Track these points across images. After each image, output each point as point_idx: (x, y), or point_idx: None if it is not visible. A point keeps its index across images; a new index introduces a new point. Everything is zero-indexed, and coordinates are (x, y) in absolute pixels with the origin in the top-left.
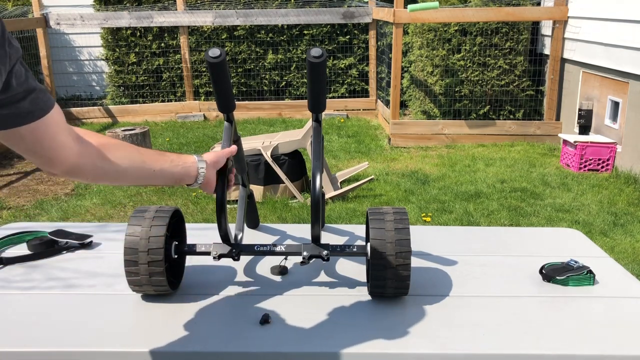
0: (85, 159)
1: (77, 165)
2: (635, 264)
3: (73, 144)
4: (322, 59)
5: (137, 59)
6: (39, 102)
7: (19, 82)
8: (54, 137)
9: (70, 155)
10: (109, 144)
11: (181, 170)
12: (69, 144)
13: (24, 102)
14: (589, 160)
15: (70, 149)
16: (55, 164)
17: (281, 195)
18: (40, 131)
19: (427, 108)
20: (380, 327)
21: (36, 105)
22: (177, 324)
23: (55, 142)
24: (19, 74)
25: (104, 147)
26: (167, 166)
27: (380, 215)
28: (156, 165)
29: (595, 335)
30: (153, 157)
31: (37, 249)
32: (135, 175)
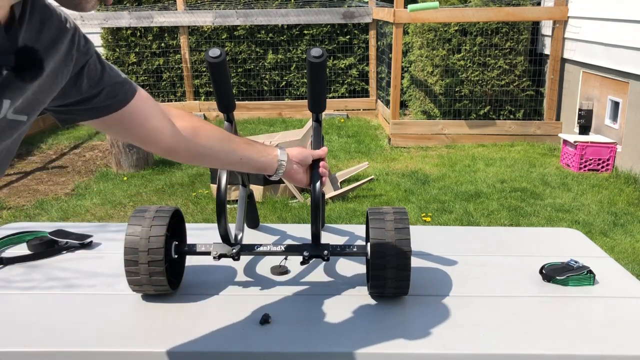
0: (179, 141)
1: (171, 147)
2: (635, 264)
3: (165, 128)
4: (322, 59)
5: (137, 59)
6: (117, 94)
7: (92, 82)
8: (143, 123)
9: (164, 138)
10: (203, 127)
11: (265, 160)
12: (161, 128)
13: (99, 98)
14: (589, 160)
15: (162, 133)
16: (151, 146)
17: (281, 195)
18: (126, 119)
19: (427, 108)
20: (380, 327)
21: (113, 97)
22: (177, 324)
23: (145, 128)
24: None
25: (197, 131)
26: (254, 155)
27: (380, 215)
28: (244, 153)
29: (595, 335)
30: (242, 146)
31: (37, 249)
32: (224, 159)
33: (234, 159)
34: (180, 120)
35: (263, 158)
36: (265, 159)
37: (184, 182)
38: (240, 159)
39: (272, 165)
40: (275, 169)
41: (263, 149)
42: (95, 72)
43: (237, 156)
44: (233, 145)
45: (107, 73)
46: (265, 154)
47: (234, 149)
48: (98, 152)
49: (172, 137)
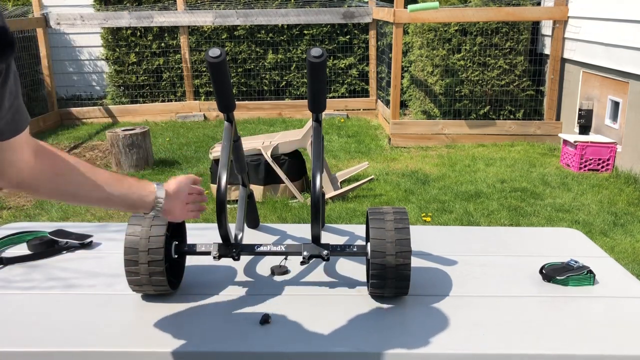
0: (37, 176)
1: (24, 183)
2: (635, 264)
3: (28, 161)
4: (322, 59)
5: (137, 58)
6: (12, 124)
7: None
8: (12, 156)
9: (22, 171)
10: (66, 162)
11: (137, 198)
12: (24, 160)
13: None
14: (589, 160)
15: (21, 167)
16: (2, 179)
17: (281, 195)
18: (1, 149)
19: (427, 108)
20: (380, 327)
21: (9, 126)
22: (177, 324)
23: (10, 158)
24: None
25: (60, 165)
26: (123, 191)
27: (380, 215)
28: (111, 189)
29: (595, 335)
30: (109, 181)
31: (37, 249)
32: (88, 198)
33: (100, 196)
34: (43, 154)
35: (135, 195)
36: (138, 195)
37: None
38: (107, 196)
39: (147, 203)
40: (152, 207)
41: (136, 183)
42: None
43: (103, 194)
44: (99, 182)
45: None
46: (138, 190)
47: (98, 186)
48: (98, 152)
49: (29, 172)
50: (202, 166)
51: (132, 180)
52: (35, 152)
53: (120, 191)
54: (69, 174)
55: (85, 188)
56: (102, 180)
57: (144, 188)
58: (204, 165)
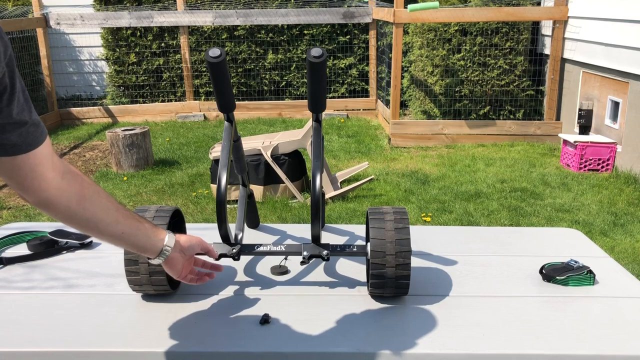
0: (60, 197)
1: (50, 200)
2: (635, 264)
3: (55, 179)
4: (322, 59)
5: (137, 59)
6: (28, 137)
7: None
8: (34, 168)
9: (47, 188)
10: (92, 191)
11: (147, 241)
12: (51, 178)
13: (12, 135)
14: (589, 160)
15: (49, 183)
16: (28, 193)
17: (281, 195)
18: (21, 162)
19: (427, 108)
20: (380, 327)
21: (24, 139)
22: (177, 324)
23: (33, 173)
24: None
25: (85, 193)
26: (137, 233)
27: (380, 215)
28: (127, 229)
29: (595, 335)
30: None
31: (37, 249)
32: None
33: (115, 231)
34: (70, 177)
35: (146, 238)
36: (149, 240)
37: (184, 182)
38: (122, 233)
39: (155, 248)
40: (158, 253)
41: (150, 228)
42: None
43: (119, 230)
44: (119, 218)
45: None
46: (151, 234)
47: (118, 222)
48: (98, 152)
49: (54, 191)
50: (202, 166)
51: (148, 224)
52: (62, 171)
53: (135, 231)
54: (94, 201)
55: (106, 221)
56: (123, 217)
57: (156, 234)
58: (204, 165)
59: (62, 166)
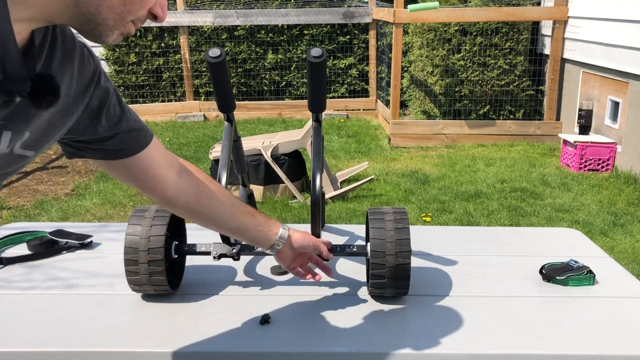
0: (178, 196)
1: (170, 199)
2: (635, 264)
3: (171, 179)
4: (322, 59)
5: (137, 59)
6: (130, 141)
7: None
8: (147, 171)
9: (165, 189)
10: (208, 189)
11: (261, 236)
12: (166, 178)
13: (112, 141)
14: (589, 160)
15: (164, 184)
16: (150, 193)
17: (281, 195)
18: (131, 164)
19: (427, 108)
20: (380, 327)
21: (127, 144)
22: (177, 324)
23: (148, 175)
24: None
25: (202, 191)
26: (251, 227)
27: (380, 215)
28: (242, 223)
29: (595, 335)
30: (244, 214)
31: (37, 249)
32: (221, 224)
33: (231, 226)
34: (187, 176)
35: (261, 233)
36: (264, 234)
37: None
38: (238, 227)
39: (268, 242)
40: (270, 246)
41: (264, 223)
42: (114, 115)
43: (235, 224)
44: (234, 213)
45: (125, 118)
46: (264, 228)
47: (234, 216)
48: None
49: (173, 190)
50: (202, 166)
51: (262, 217)
52: (178, 170)
53: (251, 226)
54: (211, 197)
55: (223, 216)
56: (238, 211)
57: (271, 228)
58: (204, 166)
59: (178, 165)
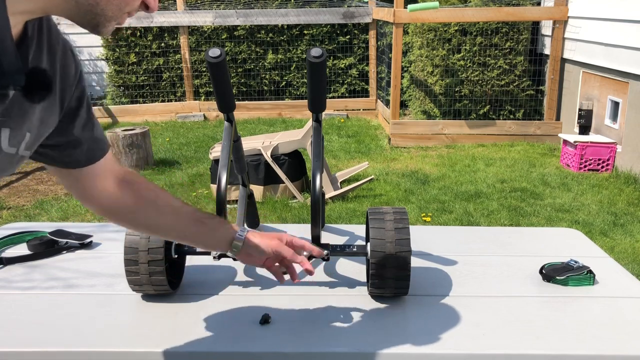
0: (115, 206)
1: (105, 209)
2: (635, 264)
3: (107, 189)
4: (322, 59)
5: (137, 59)
6: (89, 153)
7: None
8: (94, 180)
9: (101, 198)
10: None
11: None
12: (103, 188)
13: (75, 151)
14: (589, 160)
15: (102, 193)
16: (88, 203)
17: (281, 195)
18: (80, 175)
19: (427, 108)
20: (380, 327)
21: (85, 155)
22: (177, 324)
23: (94, 184)
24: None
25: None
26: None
27: (380, 215)
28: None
29: (595, 335)
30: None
31: (37, 249)
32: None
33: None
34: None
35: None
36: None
37: (184, 182)
38: (184, 237)
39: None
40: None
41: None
42: (87, 120)
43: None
44: (180, 223)
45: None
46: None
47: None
48: None
49: (113, 201)
50: (202, 166)
51: (215, 222)
52: (119, 181)
53: (199, 234)
54: (150, 208)
55: (164, 226)
56: (182, 220)
57: (224, 235)
58: (204, 165)
59: (122, 175)
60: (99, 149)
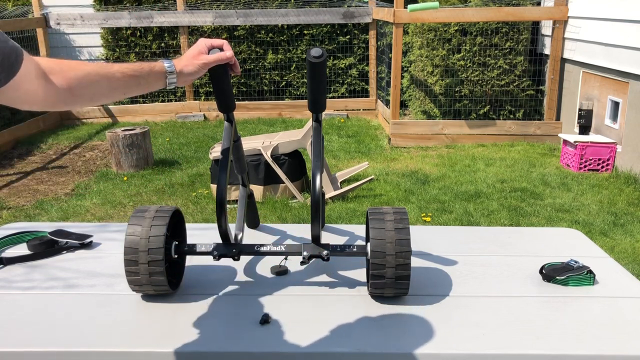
0: (53, 97)
1: (47, 104)
2: (635, 264)
3: (38, 88)
4: (322, 59)
5: (137, 59)
6: (4, 69)
7: None
8: (20, 87)
9: (42, 98)
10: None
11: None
12: (34, 89)
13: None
14: (589, 160)
15: (36, 95)
16: (23, 106)
17: (281, 195)
18: (10, 89)
19: (427, 108)
20: (380, 327)
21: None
22: (177, 324)
23: (20, 92)
24: None
25: (72, 85)
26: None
27: (380, 215)
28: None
29: (595, 335)
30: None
31: (37, 249)
32: (107, 100)
33: (117, 96)
34: (54, 79)
35: (148, 85)
36: (152, 85)
37: (184, 182)
38: (124, 94)
39: (161, 85)
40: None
41: (149, 72)
42: None
43: (120, 94)
44: (112, 86)
45: None
46: (151, 79)
47: (113, 89)
48: (98, 152)
49: (52, 96)
50: (202, 166)
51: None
52: (45, 75)
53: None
54: (84, 83)
55: (104, 93)
56: (116, 81)
57: (158, 76)
58: (204, 165)
59: (45, 69)
60: (13, 61)
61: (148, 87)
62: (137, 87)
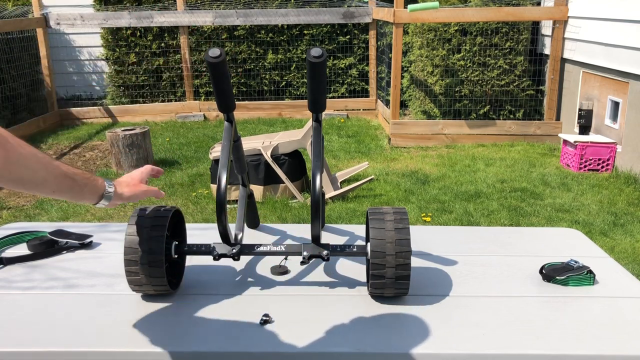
0: None
1: None
2: (635, 264)
3: None
4: (322, 59)
5: (137, 59)
6: None
7: None
8: None
9: None
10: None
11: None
12: None
13: None
14: (589, 160)
15: None
16: None
17: (281, 195)
18: None
19: (427, 108)
20: (380, 327)
21: None
22: (177, 324)
23: None
24: None
25: (10, 159)
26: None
27: (380, 215)
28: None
29: (595, 335)
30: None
31: (37, 249)
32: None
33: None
34: None
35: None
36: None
37: (184, 182)
38: (53, 192)
39: (92, 202)
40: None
41: (85, 185)
42: None
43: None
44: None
45: None
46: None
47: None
48: (98, 152)
49: None
50: (202, 166)
51: (84, 177)
52: None
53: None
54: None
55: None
56: (52, 175)
57: (92, 190)
58: (204, 165)
59: None
60: None
61: (80, 196)
62: (68, 191)
